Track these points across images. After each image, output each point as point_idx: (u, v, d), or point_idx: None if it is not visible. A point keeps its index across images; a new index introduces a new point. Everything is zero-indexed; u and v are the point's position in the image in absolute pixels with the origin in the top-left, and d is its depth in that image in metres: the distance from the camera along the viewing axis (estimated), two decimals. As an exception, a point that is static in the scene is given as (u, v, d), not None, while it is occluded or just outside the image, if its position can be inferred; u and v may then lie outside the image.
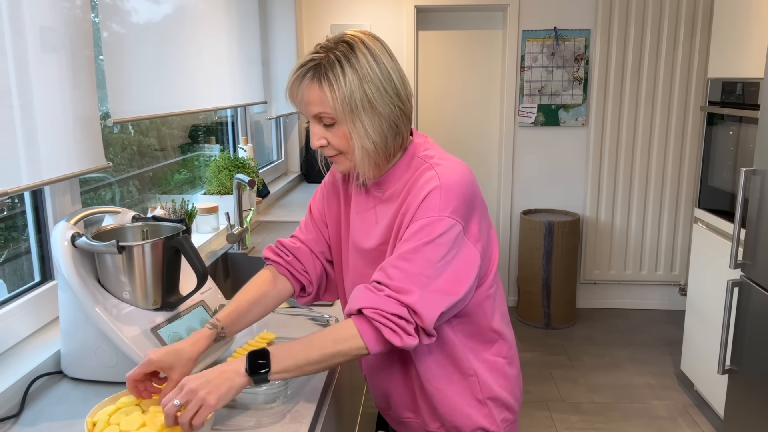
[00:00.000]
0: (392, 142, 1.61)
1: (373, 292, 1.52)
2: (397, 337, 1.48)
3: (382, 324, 1.49)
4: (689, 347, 4.31)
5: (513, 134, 5.64)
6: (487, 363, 1.72)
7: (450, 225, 1.52)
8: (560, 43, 5.45)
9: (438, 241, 1.51)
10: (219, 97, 3.28)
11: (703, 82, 5.40)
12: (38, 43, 1.79)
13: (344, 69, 1.52)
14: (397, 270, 1.52)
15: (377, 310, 1.49)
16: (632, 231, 5.73)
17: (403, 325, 1.48)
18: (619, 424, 3.98)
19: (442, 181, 1.55)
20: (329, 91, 1.52)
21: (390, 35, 5.11)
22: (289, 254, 1.88)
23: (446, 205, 1.53)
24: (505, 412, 1.76)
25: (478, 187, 1.61)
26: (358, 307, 1.52)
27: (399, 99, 1.58)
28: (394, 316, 1.48)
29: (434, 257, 1.51)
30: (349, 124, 1.55)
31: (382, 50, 1.58)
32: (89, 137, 2.03)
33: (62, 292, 1.75)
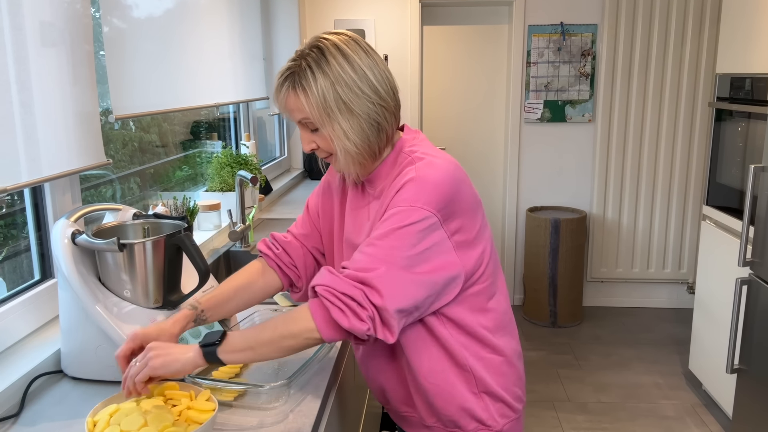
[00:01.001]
0: (375, 140, 1.62)
1: (332, 273, 1.52)
2: (345, 318, 1.46)
3: (331, 302, 1.48)
4: (697, 346, 4.30)
5: (519, 130, 5.63)
6: (483, 360, 1.70)
7: (422, 216, 1.51)
8: (567, 38, 5.44)
9: (406, 229, 1.50)
10: (221, 92, 3.27)
11: (711, 78, 5.38)
12: (38, 38, 1.79)
13: (315, 74, 1.54)
14: (362, 254, 1.53)
15: (329, 287, 1.49)
16: (640, 228, 5.73)
17: (353, 306, 1.46)
18: (627, 424, 3.97)
19: (418, 174, 1.55)
20: (304, 98, 1.56)
21: (394, 30, 5.10)
22: (279, 248, 1.91)
23: (419, 196, 1.52)
24: (503, 408, 1.74)
25: (464, 184, 1.60)
26: (313, 284, 1.53)
27: (378, 96, 1.59)
28: (345, 296, 1.47)
29: (401, 245, 1.50)
30: (327, 127, 1.58)
31: (356, 49, 1.59)
32: (89, 133, 2.03)
33: (62, 291, 1.75)
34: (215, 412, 1.48)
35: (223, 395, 1.65)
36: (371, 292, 1.47)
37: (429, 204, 1.52)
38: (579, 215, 5.40)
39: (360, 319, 1.46)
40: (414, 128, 1.76)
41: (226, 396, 1.65)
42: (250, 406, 1.64)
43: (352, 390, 2.33)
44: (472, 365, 1.68)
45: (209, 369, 1.80)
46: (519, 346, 1.82)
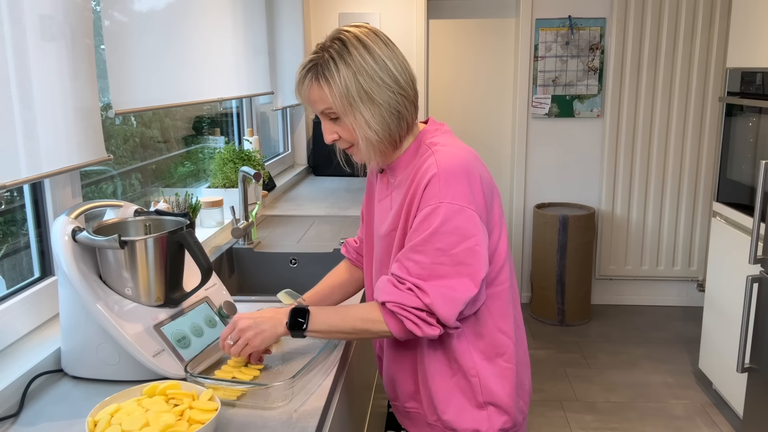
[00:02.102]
0: (396, 129, 1.70)
1: (395, 286, 1.64)
2: (419, 329, 1.61)
3: (405, 317, 1.62)
4: (707, 345, 4.29)
5: (526, 126, 5.62)
6: (493, 366, 1.77)
7: (452, 211, 1.60)
8: (575, 32, 5.42)
9: (443, 229, 1.60)
10: (224, 87, 3.27)
11: (721, 72, 5.36)
12: (37, 32, 1.78)
13: (338, 65, 1.63)
14: (412, 263, 1.63)
15: (399, 304, 1.62)
16: (649, 225, 5.71)
17: (424, 317, 1.61)
18: (636, 424, 3.96)
19: (440, 168, 1.63)
20: (327, 88, 1.64)
21: (399, 24, 5.09)
22: (354, 252, 2.13)
23: (446, 191, 1.61)
24: (504, 417, 1.79)
25: (481, 173, 1.69)
26: (382, 300, 1.65)
27: (398, 86, 1.67)
28: (415, 310, 1.61)
29: (444, 245, 1.60)
30: (350, 117, 1.66)
31: (376, 40, 1.67)
32: (90, 129, 2.03)
33: (62, 288, 1.75)
34: (218, 412, 1.48)
35: (225, 394, 1.64)
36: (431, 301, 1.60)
37: (457, 197, 1.61)
38: (587, 212, 5.39)
39: (431, 325, 1.62)
40: (440, 121, 1.83)
41: (229, 395, 1.65)
42: (253, 406, 1.64)
43: (358, 389, 2.33)
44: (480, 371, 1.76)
45: (211, 368, 1.80)
46: (527, 355, 1.90)
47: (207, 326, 1.90)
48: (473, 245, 1.60)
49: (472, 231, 1.61)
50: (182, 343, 1.79)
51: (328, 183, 4.67)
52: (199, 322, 1.88)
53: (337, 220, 3.51)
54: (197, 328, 1.87)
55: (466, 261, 1.60)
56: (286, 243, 3.09)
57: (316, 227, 3.36)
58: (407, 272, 1.63)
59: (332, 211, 3.71)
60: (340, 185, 4.55)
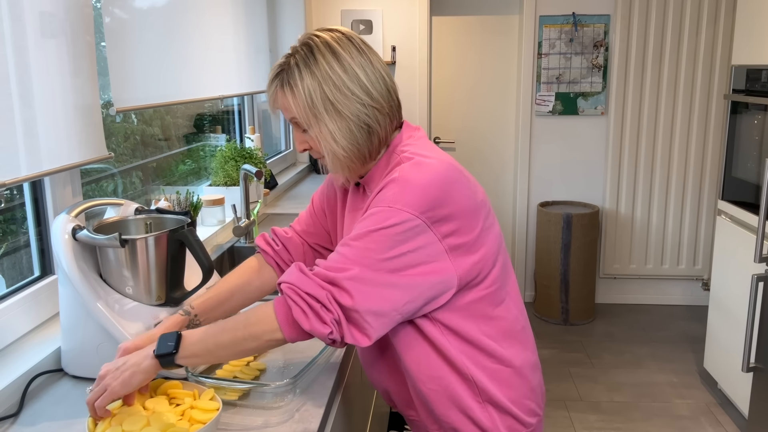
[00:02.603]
0: (366, 143, 1.58)
1: (301, 271, 1.47)
2: (306, 320, 1.41)
3: (294, 302, 1.43)
4: (712, 344, 4.28)
5: (530, 123, 5.62)
6: (487, 370, 1.63)
7: (402, 218, 1.45)
8: (579, 28, 5.42)
9: (383, 231, 1.44)
10: (225, 84, 3.27)
11: (726, 70, 5.36)
12: (37, 28, 1.78)
13: (302, 73, 1.53)
14: (335, 254, 1.48)
15: (294, 286, 1.44)
16: (653, 224, 5.71)
17: (317, 308, 1.41)
18: (640, 424, 3.96)
19: (401, 174, 1.50)
20: (291, 97, 1.54)
21: (402, 21, 5.08)
22: (279, 244, 1.88)
23: (399, 197, 1.46)
24: (511, 421, 1.67)
25: (458, 184, 1.53)
26: (279, 281, 1.48)
27: (369, 97, 1.55)
28: (310, 297, 1.42)
29: (377, 248, 1.44)
30: (315, 129, 1.55)
31: (348, 47, 1.56)
32: (90, 126, 2.03)
33: (63, 287, 1.74)
34: (219, 412, 1.47)
35: (227, 394, 1.64)
36: (339, 292, 1.43)
37: (411, 206, 1.46)
38: (591, 210, 5.38)
39: (322, 321, 1.42)
40: (414, 125, 1.71)
41: (230, 395, 1.64)
42: (254, 406, 1.64)
43: (360, 389, 2.32)
44: (474, 374, 1.61)
45: (213, 367, 1.80)
46: (534, 357, 1.74)
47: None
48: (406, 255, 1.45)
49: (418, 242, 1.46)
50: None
51: (330, 181, 4.65)
52: (200, 321, 1.88)
53: (339, 218, 3.50)
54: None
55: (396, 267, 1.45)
56: (288, 241, 3.08)
57: (318, 225, 3.34)
58: (324, 261, 1.48)
59: (334, 210, 3.70)
60: (342, 183, 4.53)
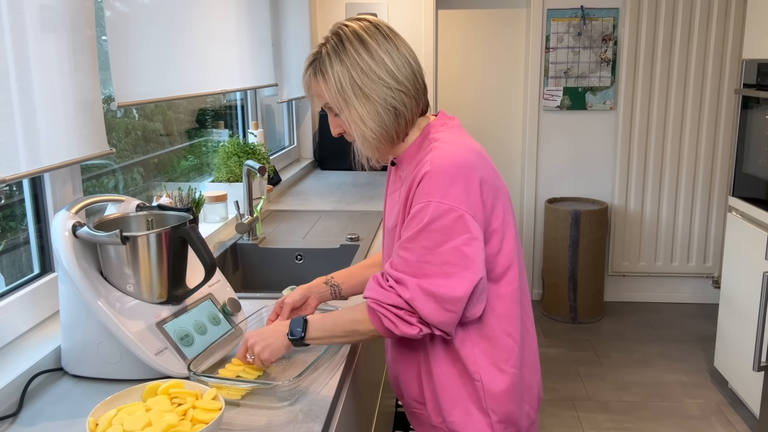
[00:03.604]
0: (393, 125, 1.71)
1: (378, 284, 1.66)
2: (395, 327, 1.62)
3: (382, 314, 1.63)
4: (723, 343, 4.27)
5: (537, 118, 5.61)
6: (496, 370, 1.75)
7: (441, 210, 1.59)
8: (587, 22, 5.40)
9: (430, 227, 1.60)
10: (228, 79, 3.26)
11: (737, 64, 5.34)
12: (37, 22, 1.77)
13: (332, 61, 1.67)
14: (399, 259, 1.65)
15: (378, 301, 1.63)
16: (663, 220, 5.69)
17: (402, 315, 1.61)
18: (649, 424, 3.95)
19: (433, 165, 1.63)
20: (323, 83, 1.69)
21: (408, 14, 5.07)
22: None
23: (437, 189, 1.61)
24: (506, 425, 1.78)
25: (483, 172, 1.67)
26: (364, 296, 1.68)
27: (395, 81, 1.68)
28: (393, 307, 1.61)
29: (429, 244, 1.60)
30: (345, 112, 1.69)
31: (375, 34, 1.68)
32: (91, 122, 2.02)
33: (63, 285, 1.74)
34: (221, 412, 1.47)
35: (230, 394, 1.64)
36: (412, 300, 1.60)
37: (447, 197, 1.60)
38: (600, 207, 5.37)
39: (409, 324, 1.61)
40: (451, 115, 1.84)
41: (233, 395, 1.64)
42: (258, 406, 1.64)
43: (364, 389, 2.32)
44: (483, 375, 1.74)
45: (215, 367, 1.80)
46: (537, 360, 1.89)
47: (210, 324, 1.89)
48: (460, 245, 1.59)
49: (460, 231, 1.59)
50: (185, 341, 1.79)
51: (335, 177, 4.66)
52: (202, 319, 1.88)
53: (343, 215, 3.50)
54: (201, 326, 1.86)
55: (452, 261, 1.59)
56: (292, 238, 3.08)
57: (322, 222, 3.35)
58: (392, 268, 1.65)
59: (339, 206, 3.71)
60: (347, 179, 4.54)
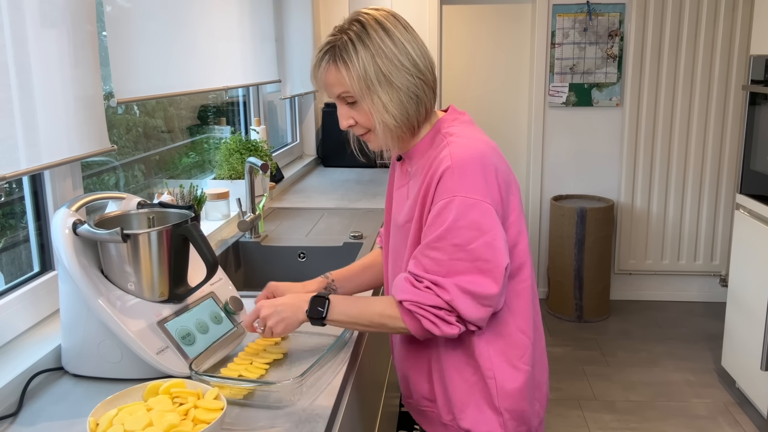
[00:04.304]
0: (414, 114, 1.72)
1: (412, 285, 1.65)
2: (437, 328, 1.62)
3: (422, 316, 1.63)
4: (731, 342, 4.27)
5: (543, 115, 5.60)
6: (509, 367, 1.75)
7: (467, 205, 1.61)
8: (593, 18, 5.39)
9: (459, 224, 1.60)
10: (230, 75, 3.26)
11: (745, 60, 5.32)
12: (37, 17, 1.77)
13: (356, 47, 1.65)
14: (429, 260, 1.64)
15: (416, 303, 1.63)
16: (670, 218, 5.68)
17: (442, 315, 1.61)
18: (656, 424, 3.95)
19: (453, 160, 1.64)
20: (345, 70, 1.67)
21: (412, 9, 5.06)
22: None
23: (460, 184, 1.62)
24: (518, 423, 1.78)
25: (498, 165, 1.69)
26: (399, 299, 1.66)
27: (417, 69, 1.69)
28: (433, 308, 1.61)
29: (461, 241, 1.60)
30: (367, 100, 1.68)
31: (396, 24, 1.70)
32: (92, 118, 2.02)
33: (63, 283, 1.74)
34: (223, 412, 1.47)
35: (232, 393, 1.63)
36: (452, 301, 1.60)
37: (472, 191, 1.61)
38: (606, 204, 5.36)
39: (450, 324, 1.62)
40: (461, 110, 1.86)
41: (236, 394, 1.64)
42: (260, 405, 1.63)
43: (368, 388, 2.32)
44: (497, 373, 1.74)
45: (217, 366, 1.80)
46: (545, 356, 1.89)
47: (212, 322, 1.89)
48: (491, 240, 1.60)
49: (489, 225, 1.61)
50: (187, 340, 1.79)
51: (338, 174, 4.66)
52: (204, 318, 1.87)
53: (347, 212, 3.50)
54: (202, 325, 1.86)
55: (484, 256, 1.60)
56: (295, 236, 3.08)
57: (325, 220, 3.35)
58: (424, 270, 1.64)
59: (342, 204, 3.70)
60: (350, 176, 4.54)
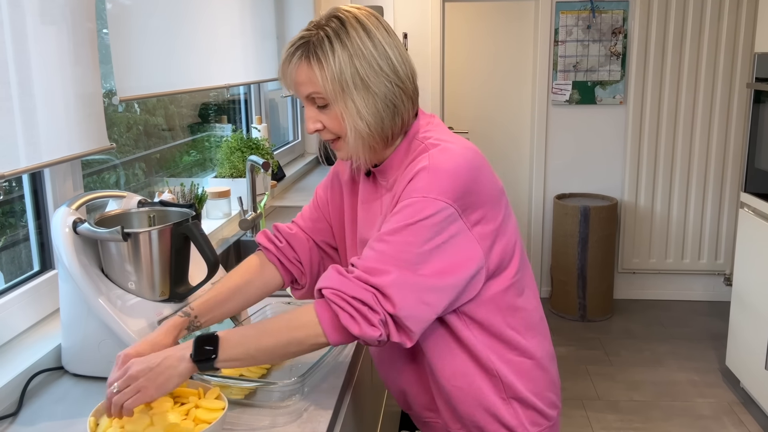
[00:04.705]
0: (390, 123, 1.58)
1: (340, 274, 1.48)
2: (355, 325, 1.43)
3: (340, 307, 1.44)
4: (735, 341, 4.26)
5: (546, 113, 5.60)
6: (511, 364, 1.66)
7: (438, 208, 1.47)
8: (597, 15, 5.39)
9: (421, 223, 1.46)
10: (231, 73, 3.25)
11: (749, 57, 5.31)
12: (37, 15, 1.77)
13: (333, 45, 1.52)
14: (372, 251, 1.50)
15: (337, 291, 1.45)
16: (674, 217, 5.68)
17: (364, 311, 1.43)
18: (660, 424, 3.94)
19: (431, 162, 1.51)
20: (318, 69, 1.53)
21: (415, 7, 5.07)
22: (282, 241, 1.85)
23: (433, 186, 1.48)
24: (535, 416, 1.70)
25: (484, 171, 1.56)
26: (319, 287, 1.49)
27: (397, 77, 1.56)
28: (356, 300, 1.44)
29: (415, 240, 1.46)
30: (340, 104, 1.55)
31: (378, 26, 1.57)
32: (92, 116, 2.02)
33: (63, 283, 1.74)
34: (224, 411, 1.47)
35: (233, 393, 1.63)
36: (384, 299, 1.44)
37: (444, 194, 1.48)
38: (609, 203, 5.36)
39: (371, 324, 1.43)
40: (429, 112, 1.73)
41: (236, 394, 1.64)
42: (261, 405, 1.63)
43: (370, 388, 2.32)
44: (500, 369, 1.64)
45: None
46: (551, 347, 1.78)
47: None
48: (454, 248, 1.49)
49: (458, 234, 1.49)
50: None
51: (340, 173, 4.64)
52: (205, 317, 1.87)
53: (348, 211, 3.48)
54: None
55: (440, 263, 1.47)
56: (296, 235, 3.07)
57: (327, 219, 3.34)
58: (362, 259, 1.50)
59: (344, 202, 3.69)
60: (351, 175, 4.52)
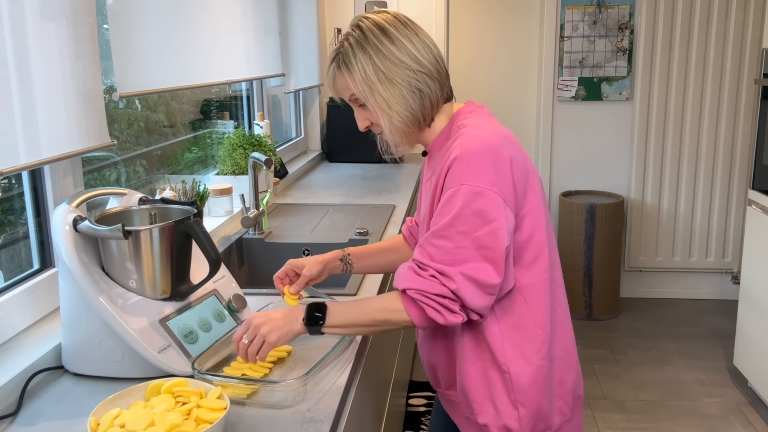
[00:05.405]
0: (419, 108, 1.77)
1: (416, 273, 1.66)
2: (441, 317, 1.63)
3: (426, 304, 1.63)
4: (743, 340, 4.26)
5: (551, 109, 5.59)
6: (524, 361, 1.74)
7: (474, 193, 1.62)
8: (603, 10, 5.38)
9: (465, 212, 1.62)
10: (233, 69, 3.25)
11: (757, 53, 5.30)
12: (37, 10, 1.77)
13: (356, 52, 1.74)
14: (435, 248, 1.66)
15: (420, 291, 1.64)
16: (681, 214, 5.67)
17: (446, 304, 1.62)
18: (667, 424, 3.94)
19: (462, 149, 1.67)
20: (348, 75, 1.76)
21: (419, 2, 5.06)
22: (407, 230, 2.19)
23: (468, 173, 1.64)
24: (533, 418, 1.76)
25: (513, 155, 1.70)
26: (402, 288, 1.67)
27: (417, 64, 1.74)
28: (437, 296, 1.62)
29: (466, 228, 1.62)
30: (371, 100, 1.75)
31: (395, 23, 1.76)
32: (92, 113, 2.01)
33: (63, 281, 1.74)
34: (226, 411, 1.47)
35: (235, 393, 1.63)
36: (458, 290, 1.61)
37: (479, 179, 1.63)
38: (616, 200, 5.35)
39: (453, 312, 1.63)
40: (480, 104, 1.93)
41: (239, 393, 1.64)
42: (264, 405, 1.63)
43: (373, 387, 2.32)
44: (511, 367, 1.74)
45: (220, 365, 1.79)
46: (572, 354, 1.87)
47: (215, 321, 1.89)
48: (495, 229, 1.61)
49: (495, 214, 1.62)
50: (189, 338, 1.78)
51: (343, 170, 4.65)
52: (207, 316, 1.87)
53: (352, 208, 3.49)
54: (205, 323, 1.85)
55: (489, 245, 1.61)
56: (299, 233, 3.08)
57: (330, 216, 3.34)
58: (429, 258, 1.65)
59: (347, 200, 3.70)
60: (355, 172, 4.53)
